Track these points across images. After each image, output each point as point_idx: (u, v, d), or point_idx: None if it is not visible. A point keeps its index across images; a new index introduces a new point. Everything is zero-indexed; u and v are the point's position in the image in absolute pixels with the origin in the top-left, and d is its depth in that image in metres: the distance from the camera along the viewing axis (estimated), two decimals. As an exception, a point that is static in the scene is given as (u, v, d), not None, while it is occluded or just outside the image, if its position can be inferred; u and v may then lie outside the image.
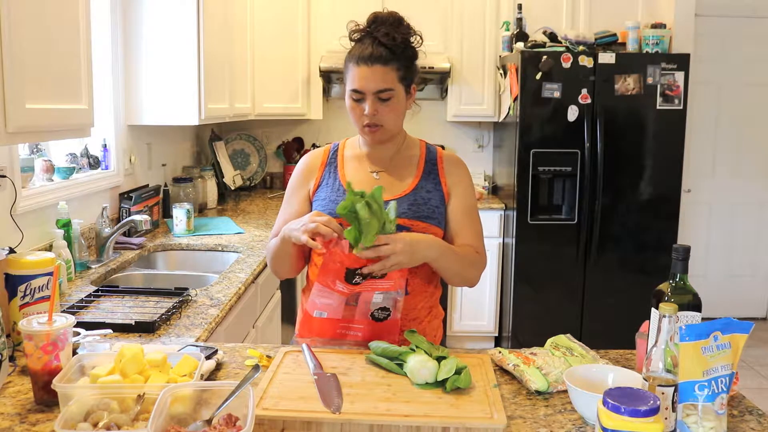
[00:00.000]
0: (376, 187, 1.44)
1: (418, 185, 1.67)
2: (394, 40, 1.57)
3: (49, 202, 2.40)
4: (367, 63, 1.57)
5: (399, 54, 1.59)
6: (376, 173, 1.70)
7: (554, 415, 1.26)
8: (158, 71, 3.09)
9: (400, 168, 1.70)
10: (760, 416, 1.27)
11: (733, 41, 4.78)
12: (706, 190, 4.92)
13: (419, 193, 1.66)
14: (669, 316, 1.11)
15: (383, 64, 1.57)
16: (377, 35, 1.58)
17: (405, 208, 1.63)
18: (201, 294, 2.13)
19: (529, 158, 3.91)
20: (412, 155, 1.73)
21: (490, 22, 4.33)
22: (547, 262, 4.00)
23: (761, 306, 5.10)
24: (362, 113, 1.60)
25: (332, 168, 1.72)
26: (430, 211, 1.64)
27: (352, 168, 1.71)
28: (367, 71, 1.57)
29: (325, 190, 1.69)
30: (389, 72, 1.58)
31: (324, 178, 1.71)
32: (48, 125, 1.76)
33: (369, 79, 1.57)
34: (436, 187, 1.68)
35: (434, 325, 1.75)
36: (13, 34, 1.53)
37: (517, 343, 4.00)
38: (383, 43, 1.57)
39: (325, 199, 1.67)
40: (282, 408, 1.21)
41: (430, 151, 1.74)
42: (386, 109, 1.60)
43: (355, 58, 1.59)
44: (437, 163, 1.72)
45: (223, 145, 4.40)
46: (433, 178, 1.69)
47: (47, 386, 1.21)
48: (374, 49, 1.57)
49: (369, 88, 1.58)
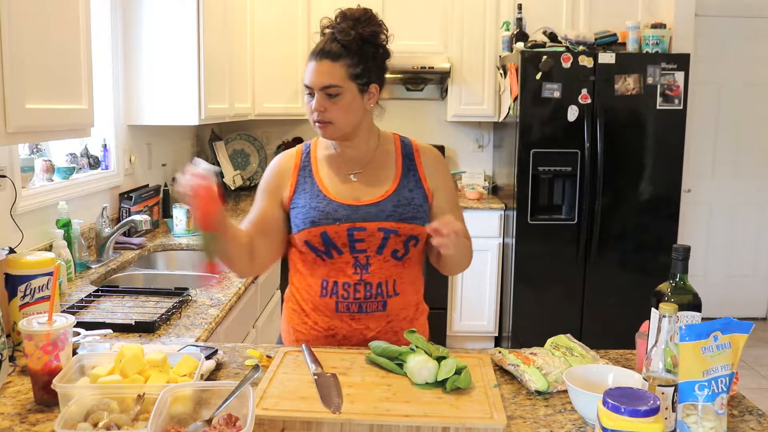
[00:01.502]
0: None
1: (400, 185, 1.64)
2: (348, 36, 1.54)
3: (49, 202, 2.40)
4: (316, 58, 1.56)
5: (354, 51, 1.55)
6: (353, 175, 1.65)
7: (554, 415, 1.26)
8: (158, 71, 3.09)
9: (378, 168, 1.66)
10: (760, 416, 1.27)
11: (733, 41, 4.78)
12: (706, 190, 4.92)
13: (402, 193, 1.63)
14: (669, 316, 1.11)
15: (332, 60, 1.54)
16: (335, 31, 1.55)
17: (390, 210, 1.59)
18: (201, 294, 2.13)
19: (529, 158, 3.91)
20: (388, 153, 1.69)
21: (490, 22, 4.33)
22: (547, 262, 4.00)
23: (761, 306, 5.10)
24: (311, 109, 1.59)
25: (307, 172, 1.66)
26: (415, 210, 1.61)
27: (328, 171, 1.66)
28: (315, 66, 1.56)
29: (303, 197, 1.63)
30: (338, 68, 1.54)
31: (299, 184, 1.65)
32: (48, 125, 1.76)
33: (315, 74, 1.55)
34: (418, 184, 1.65)
35: (422, 321, 1.74)
36: (13, 35, 1.53)
37: (517, 343, 4.00)
38: (337, 39, 1.54)
39: (305, 206, 1.61)
40: (282, 408, 1.21)
41: (405, 145, 1.71)
42: (334, 107, 1.56)
43: (311, 53, 1.58)
44: (414, 158, 1.68)
45: (223, 145, 4.40)
46: (413, 174, 1.66)
47: (47, 386, 1.21)
48: (326, 45, 1.55)
49: (315, 83, 1.56)
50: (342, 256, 1.59)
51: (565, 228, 3.98)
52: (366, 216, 1.58)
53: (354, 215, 1.58)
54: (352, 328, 1.62)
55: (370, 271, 1.60)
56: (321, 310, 1.63)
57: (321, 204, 1.60)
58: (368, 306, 1.61)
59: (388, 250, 1.60)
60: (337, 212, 1.58)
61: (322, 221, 1.58)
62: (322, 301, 1.62)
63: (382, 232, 1.58)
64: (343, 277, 1.60)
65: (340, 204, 1.59)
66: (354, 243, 1.58)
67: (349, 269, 1.60)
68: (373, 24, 1.57)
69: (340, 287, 1.60)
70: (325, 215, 1.58)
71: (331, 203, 1.59)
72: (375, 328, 1.62)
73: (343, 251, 1.59)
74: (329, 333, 1.63)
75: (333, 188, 1.63)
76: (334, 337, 1.62)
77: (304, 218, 1.60)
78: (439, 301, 4.20)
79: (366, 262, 1.59)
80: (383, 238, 1.58)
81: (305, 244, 1.61)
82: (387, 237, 1.58)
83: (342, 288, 1.60)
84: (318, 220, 1.58)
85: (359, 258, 1.59)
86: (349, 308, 1.61)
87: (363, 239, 1.58)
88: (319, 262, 1.62)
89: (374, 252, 1.59)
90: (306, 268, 1.66)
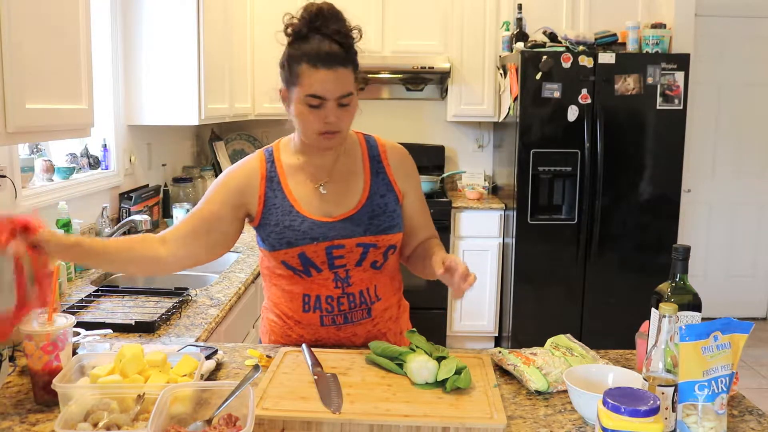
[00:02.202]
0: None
1: (371, 191, 1.56)
2: (346, 38, 1.43)
3: (49, 202, 2.40)
4: (326, 65, 1.40)
5: (352, 53, 1.45)
6: (322, 186, 1.55)
7: (554, 415, 1.26)
8: (158, 71, 3.09)
9: (346, 175, 1.57)
10: (760, 416, 1.27)
11: (733, 41, 4.78)
12: (706, 190, 4.92)
13: (374, 201, 1.55)
14: (669, 316, 1.11)
15: (343, 65, 1.42)
16: (326, 32, 1.41)
17: (366, 223, 1.52)
18: (201, 294, 2.13)
19: (529, 158, 3.91)
20: (353, 157, 1.59)
21: (490, 22, 4.33)
22: (547, 262, 4.00)
23: (761, 306, 5.10)
24: (320, 120, 1.44)
25: (275, 184, 1.54)
26: (390, 219, 1.55)
27: (296, 183, 1.55)
28: (328, 74, 1.40)
29: (274, 214, 1.52)
30: (349, 74, 1.44)
31: (269, 199, 1.53)
32: (48, 125, 1.76)
33: (332, 84, 1.41)
34: (388, 188, 1.58)
35: (405, 318, 1.72)
36: (13, 35, 1.53)
37: (517, 343, 4.00)
38: (337, 42, 1.41)
39: (278, 225, 1.51)
40: (282, 408, 1.21)
41: (371, 146, 1.61)
42: (345, 114, 1.46)
43: (309, 59, 1.41)
44: (382, 159, 1.60)
45: (223, 145, 4.40)
46: (382, 178, 1.58)
47: (47, 386, 1.21)
48: (331, 49, 1.40)
49: (333, 93, 1.42)
50: (321, 273, 1.53)
51: (565, 228, 3.98)
52: (343, 232, 1.51)
53: (331, 233, 1.51)
54: (339, 338, 1.58)
55: (351, 282, 1.55)
56: (305, 324, 1.58)
57: (295, 222, 1.51)
58: (353, 316, 1.57)
59: (367, 263, 1.55)
60: (313, 231, 1.50)
61: (299, 242, 1.50)
62: (306, 316, 1.57)
63: (361, 247, 1.52)
64: (325, 291, 1.55)
65: (315, 222, 1.51)
66: (333, 260, 1.52)
67: (329, 284, 1.54)
68: (348, 22, 1.46)
69: (323, 301, 1.55)
70: (302, 235, 1.50)
71: (306, 221, 1.51)
72: (362, 334, 1.59)
73: (322, 269, 1.52)
74: (317, 344, 1.58)
75: (305, 203, 1.53)
76: (323, 347, 1.56)
77: (279, 238, 1.51)
78: (439, 301, 4.20)
79: (346, 276, 1.54)
80: (362, 252, 1.53)
81: (282, 264, 1.54)
82: (366, 251, 1.53)
83: (325, 302, 1.55)
84: (295, 240, 1.50)
85: (339, 272, 1.53)
86: (334, 321, 1.57)
87: (342, 255, 1.52)
88: (297, 278, 1.55)
89: (353, 265, 1.54)
90: (284, 282, 1.58)
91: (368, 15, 4.19)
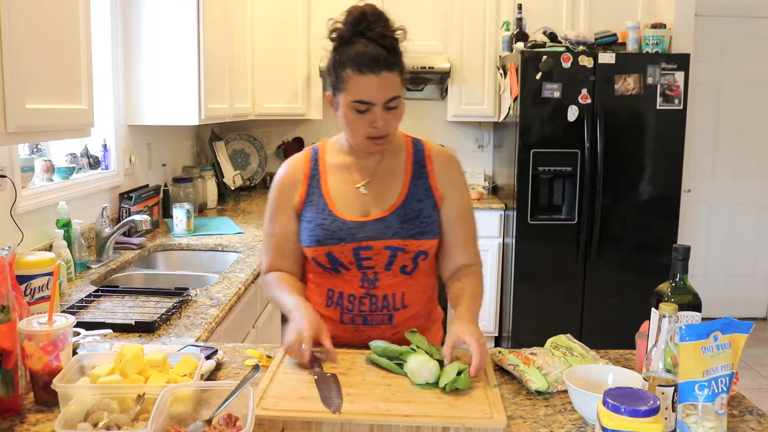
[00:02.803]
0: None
1: (408, 195, 1.55)
2: (392, 41, 1.44)
3: (49, 202, 2.40)
4: (373, 70, 1.40)
5: (398, 56, 1.45)
6: (363, 187, 1.56)
7: (554, 415, 1.26)
8: (158, 71, 3.08)
9: (387, 176, 1.57)
10: (760, 416, 1.27)
11: (733, 41, 4.78)
12: (706, 190, 4.92)
13: (410, 205, 1.54)
14: (669, 316, 1.11)
15: (389, 69, 1.42)
16: (371, 36, 1.42)
17: (397, 227, 1.52)
18: (201, 294, 2.13)
19: (529, 158, 3.91)
20: (398, 157, 1.59)
21: (490, 22, 4.33)
22: (547, 262, 4.00)
23: (761, 306, 5.10)
24: (367, 125, 1.46)
25: (315, 182, 1.58)
26: (423, 224, 1.54)
27: (337, 182, 1.57)
28: (375, 80, 1.41)
29: (311, 211, 1.56)
30: (395, 78, 1.44)
31: (309, 195, 1.57)
32: (48, 125, 1.76)
33: (379, 89, 1.42)
34: (427, 193, 1.56)
35: (434, 329, 1.71)
36: (13, 35, 1.53)
37: (517, 343, 4.00)
38: (383, 45, 1.42)
39: (311, 222, 1.55)
40: (282, 408, 1.21)
41: (417, 150, 1.60)
42: (393, 118, 1.47)
43: (354, 64, 1.42)
44: (426, 164, 1.59)
45: (223, 145, 4.40)
46: (422, 183, 1.57)
47: (47, 386, 1.21)
48: (376, 53, 1.41)
49: (379, 98, 1.42)
50: (349, 271, 1.55)
51: (565, 228, 3.98)
52: (372, 234, 1.52)
53: (359, 234, 1.52)
54: (357, 339, 1.57)
55: (377, 285, 1.55)
56: (326, 318, 1.59)
57: (326, 221, 1.53)
58: (373, 319, 1.57)
59: (396, 266, 1.55)
60: (341, 231, 1.52)
61: (327, 241, 1.52)
62: (328, 311, 1.59)
63: (389, 250, 1.52)
64: (350, 289, 1.56)
65: (345, 222, 1.53)
66: (361, 261, 1.53)
67: (356, 282, 1.55)
68: (392, 23, 1.47)
69: (345, 299, 1.56)
70: (330, 234, 1.52)
71: (337, 221, 1.53)
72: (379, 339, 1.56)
73: (350, 268, 1.54)
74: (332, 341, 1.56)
75: (341, 203, 1.55)
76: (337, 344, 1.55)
77: (309, 235, 1.55)
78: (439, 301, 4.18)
79: (374, 278, 1.55)
80: (390, 255, 1.53)
81: (312, 260, 1.58)
82: (395, 255, 1.53)
83: (347, 300, 1.56)
84: (323, 239, 1.53)
85: (367, 273, 1.54)
86: (353, 320, 1.57)
87: (370, 257, 1.53)
88: (325, 273, 1.58)
89: (382, 268, 1.54)
90: (314, 275, 1.63)
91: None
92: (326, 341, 1.41)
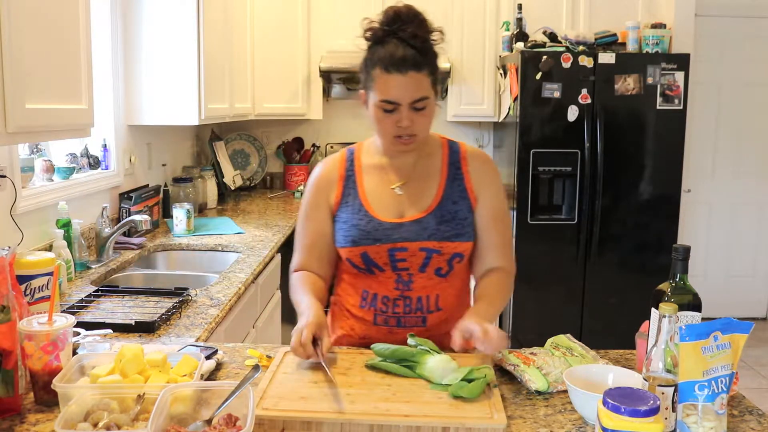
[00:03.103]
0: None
1: (444, 196, 1.55)
2: (423, 42, 1.43)
3: (49, 202, 2.40)
4: (400, 70, 1.41)
5: (429, 57, 1.45)
6: (399, 188, 1.57)
7: (554, 415, 1.26)
8: (158, 71, 3.08)
9: (423, 177, 1.57)
10: (760, 416, 1.27)
11: (733, 41, 4.78)
12: (706, 190, 4.92)
13: (445, 207, 1.54)
14: (669, 316, 1.11)
15: (417, 70, 1.42)
16: (403, 36, 1.42)
17: (432, 228, 1.52)
18: (201, 294, 2.13)
19: (529, 158, 3.91)
20: (434, 159, 1.59)
21: (490, 22, 4.33)
22: (547, 262, 4.00)
23: (761, 306, 5.10)
24: (394, 124, 1.46)
25: (351, 183, 1.58)
26: (459, 226, 1.53)
27: (372, 183, 1.58)
28: (401, 80, 1.42)
29: (346, 212, 1.57)
30: (423, 78, 1.44)
31: (344, 196, 1.58)
32: (48, 125, 1.76)
33: (405, 89, 1.42)
34: (462, 195, 1.56)
35: None
36: (13, 34, 1.53)
37: (517, 343, 3.99)
38: (413, 46, 1.42)
39: (346, 222, 1.56)
40: (282, 408, 1.21)
41: (453, 152, 1.60)
42: (421, 119, 1.47)
43: (383, 64, 1.43)
44: (461, 165, 1.58)
45: (223, 145, 4.40)
46: (458, 184, 1.57)
47: (47, 386, 1.21)
48: (405, 54, 1.41)
49: (405, 98, 1.43)
50: (384, 272, 1.55)
51: (565, 228, 3.98)
52: (407, 235, 1.52)
53: (395, 235, 1.52)
54: (388, 340, 1.52)
55: (412, 287, 1.55)
56: (359, 319, 1.61)
57: (362, 222, 1.54)
58: (407, 321, 1.56)
59: (431, 269, 1.55)
60: (377, 232, 1.53)
61: (362, 241, 1.53)
62: (361, 312, 1.60)
63: (424, 251, 1.52)
64: (384, 290, 1.56)
65: (380, 223, 1.53)
66: (395, 262, 1.53)
67: (390, 284, 1.56)
68: (430, 25, 1.47)
69: (379, 300, 1.57)
70: (366, 235, 1.53)
71: (372, 221, 1.54)
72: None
73: (385, 269, 1.55)
74: (363, 341, 1.58)
75: (376, 203, 1.56)
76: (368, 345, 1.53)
77: (345, 236, 1.55)
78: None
79: (409, 279, 1.55)
80: (425, 257, 1.53)
81: (347, 260, 1.58)
82: (429, 256, 1.53)
83: (381, 301, 1.57)
84: (358, 240, 1.53)
85: (402, 275, 1.55)
86: (387, 322, 1.57)
87: (405, 258, 1.53)
88: (360, 274, 1.59)
89: (417, 270, 1.54)
90: (348, 276, 1.63)
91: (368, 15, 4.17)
92: (326, 339, 1.41)
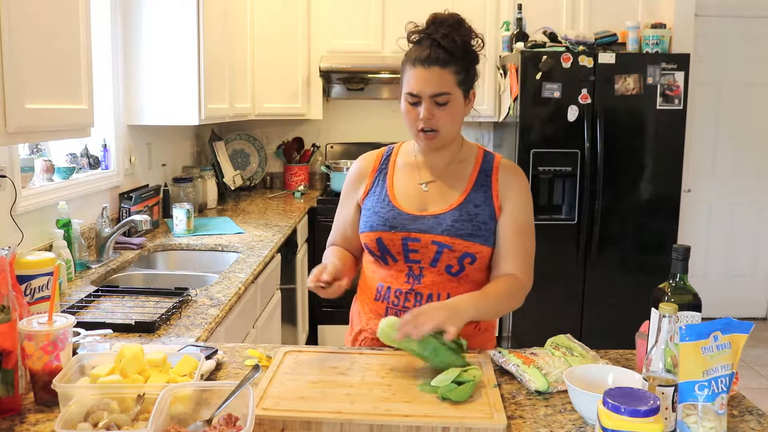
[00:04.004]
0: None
1: (467, 198, 1.59)
2: (453, 42, 1.51)
3: (49, 202, 2.40)
4: (424, 65, 1.51)
5: (458, 57, 1.52)
6: (426, 184, 1.63)
7: (554, 415, 1.26)
8: (158, 71, 3.09)
9: (452, 178, 1.63)
10: (760, 416, 1.27)
11: (733, 41, 4.78)
12: (706, 190, 4.92)
13: (466, 207, 1.58)
14: (669, 316, 1.11)
15: (441, 66, 1.50)
16: (436, 37, 1.51)
17: (448, 224, 1.56)
18: (201, 294, 2.13)
19: (529, 158, 3.91)
20: (466, 164, 1.65)
21: (490, 22, 4.33)
22: (547, 262, 3.96)
23: (761, 306, 5.10)
24: (417, 117, 1.53)
25: (382, 176, 1.67)
26: (475, 228, 1.56)
27: (402, 178, 1.66)
28: (424, 73, 1.51)
29: (371, 199, 1.65)
30: (447, 75, 1.51)
31: (373, 186, 1.67)
32: (48, 125, 1.76)
33: (426, 82, 1.51)
34: (487, 201, 1.60)
35: (484, 338, 1.67)
36: (13, 34, 1.53)
37: (517, 343, 4.00)
38: (442, 45, 1.51)
39: (369, 209, 1.64)
40: (282, 408, 1.21)
41: (486, 161, 1.65)
42: (442, 114, 1.53)
43: (411, 60, 1.53)
44: (492, 174, 1.62)
45: (223, 145, 4.40)
46: (484, 190, 1.61)
47: (47, 386, 1.21)
48: (432, 51, 1.50)
49: (425, 91, 1.51)
50: (396, 263, 1.60)
51: (565, 228, 3.98)
52: (422, 227, 1.57)
53: (411, 225, 1.58)
54: None
55: (422, 282, 1.58)
56: (374, 312, 1.65)
57: (383, 209, 1.61)
58: None
59: (441, 264, 1.57)
60: (395, 220, 1.59)
61: (379, 227, 1.59)
62: (375, 305, 1.65)
63: (435, 245, 1.56)
64: (397, 284, 1.61)
65: (400, 212, 1.59)
66: (408, 253, 1.58)
67: (402, 277, 1.60)
68: (469, 30, 1.55)
69: (392, 294, 1.61)
70: (383, 221, 1.59)
71: (393, 210, 1.60)
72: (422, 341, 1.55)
73: (398, 259, 1.60)
74: (375, 336, 1.57)
75: (402, 195, 1.62)
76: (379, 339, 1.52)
77: (365, 221, 1.63)
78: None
79: (419, 273, 1.59)
80: (437, 251, 1.56)
81: (365, 246, 1.65)
82: (440, 251, 1.56)
83: (393, 295, 1.61)
84: (376, 225, 1.60)
85: (413, 268, 1.59)
86: (397, 316, 1.54)
87: (417, 250, 1.57)
88: (377, 265, 1.65)
89: (428, 264, 1.58)
90: (369, 268, 1.69)
91: (368, 15, 4.18)
92: (345, 280, 1.51)
